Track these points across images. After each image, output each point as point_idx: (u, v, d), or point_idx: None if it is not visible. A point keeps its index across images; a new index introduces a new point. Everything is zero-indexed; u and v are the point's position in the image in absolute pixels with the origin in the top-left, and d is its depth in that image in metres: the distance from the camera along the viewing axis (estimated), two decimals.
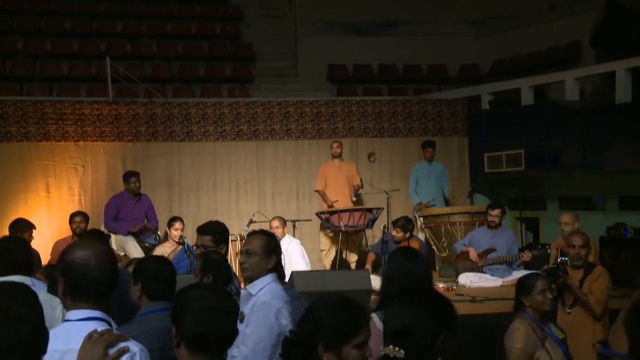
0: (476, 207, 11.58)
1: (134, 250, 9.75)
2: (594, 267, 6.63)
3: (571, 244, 6.57)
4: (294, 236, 10.28)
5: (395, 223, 9.76)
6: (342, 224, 10.51)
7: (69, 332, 2.74)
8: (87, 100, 12.25)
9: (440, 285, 8.93)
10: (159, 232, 10.34)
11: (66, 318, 2.83)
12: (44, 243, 10.27)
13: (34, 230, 9.08)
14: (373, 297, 7.02)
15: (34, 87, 14.20)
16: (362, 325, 2.85)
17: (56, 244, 9.72)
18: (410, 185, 11.85)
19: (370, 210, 10.75)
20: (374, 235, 11.61)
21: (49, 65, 14.73)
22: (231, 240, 10.80)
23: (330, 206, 11.18)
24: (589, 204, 11.86)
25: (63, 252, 2.96)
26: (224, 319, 2.67)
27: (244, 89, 14.99)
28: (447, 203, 11.95)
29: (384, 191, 11.17)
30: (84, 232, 9.49)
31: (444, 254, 10.84)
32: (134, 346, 2.75)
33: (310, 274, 8.51)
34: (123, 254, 9.81)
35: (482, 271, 9.74)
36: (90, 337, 2.65)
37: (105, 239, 7.90)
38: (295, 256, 9.42)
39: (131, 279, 3.94)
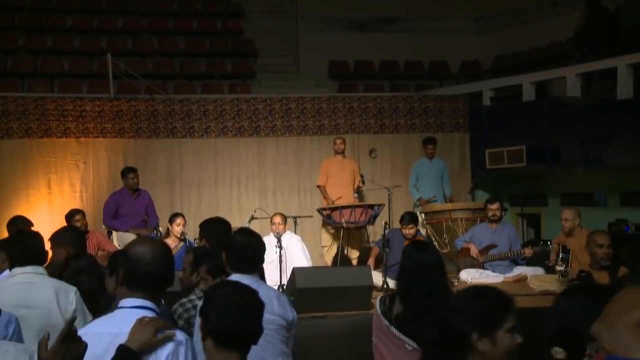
0: (477, 203, 11.56)
1: None
2: (619, 267, 6.37)
3: (598, 244, 6.25)
4: (295, 232, 10.27)
5: (402, 221, 9.69)
6: (343, 221, 10.51)
7: (121, 318, 2.97)
8: (89, 97, 12.26)
9: None
10: (160, 229, 10.33)
11: (120, 305, 3.05)
12: (45, 239, 10.23)
13: (32, 228, 9.00)
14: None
15: (35, 83, 14.19)
16: (511, 308, 2.85)
17: None
18: (411, 182, 11.85)
19: (371, 206, 10.74)
20: (375, 232, 11.60)
21: (50, 62, 14.72)
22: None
23: (332, 202, 11.18)
24: (590, 200, 11.87)
25: (126, 246, 3.24)
26: (247, 315, 2.78)
27: (245, 85, 14.98)
28: (445, 201, 11.94)
29: (385, 187, 11.16)
30: (86, 228, 9.48)
31: (445, 250, 10.82)
32: (180, 335, 2.95)
33: (312, 270, 8.51)
34: None
35: (483, 267, 9.73)
36: (141, 321, 2.86)
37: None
38: (296, 252, 9.42)
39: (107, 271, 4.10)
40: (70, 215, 9.56)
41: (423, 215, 11.33)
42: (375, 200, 11.12)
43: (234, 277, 4.19)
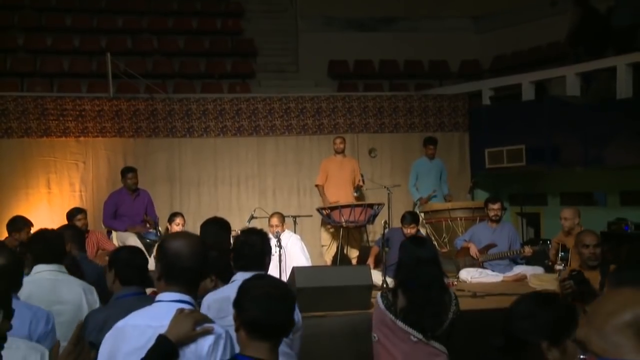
0: (477, 202, 11.56)
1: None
2: (609, 266, 5.90)
3: (584, 244, 5.95)
4: (294, 232, 10.27)
5: (403, 221, 9.67)
6: (343, 220, 10.51)
7: (161, 311, 3.03)
8: (88, 96, 12.26)
9: None
10: (159, 228, 10.32)
11: (158, 299, 3.12)
12: None
13: (31, 228, 8.97)
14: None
15: (34, 82, 14.19)
16: (577, 317, 2.81)
17: None
18: (410, 181, 11.85)
19: (371, 205, 10.74)
20: (374, 231, 11.61)
21: (49, 61, 14.72)
22: (232, 237, 10.82)
23: (331, 204, 11.18)
24: (590, 199, 11.88)
25: (163, 240, 3.30)
26: (280, 307, 2.84)
27: (245, 85, 14.98)
28: (445, 201, 11.94)
29: (385, 187, 11.15)
30: (87, 228, 9.45)
31: (444, 250, 10.83)
32: (218, 328, 3.02)
33: (311, 270, 8.50)
34: None
35: (483, 266, 9.73)
36: (180, 312, 2.94)
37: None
38: (295, 251, 9.40)
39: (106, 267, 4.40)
40: (71, 214, 9.51)
41: (422, 214, 11.33)
42: (375, 200, 11.12)
43: (238, 275, 4.26)
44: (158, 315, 3.02)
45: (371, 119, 12.80)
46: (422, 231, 10.96)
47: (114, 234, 10.34)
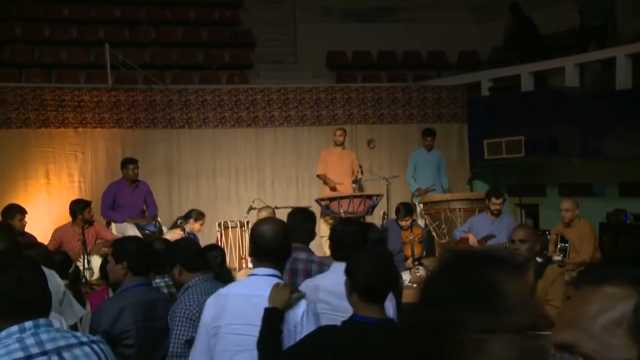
0: (476, 193, 11.57)
1: None
2: (546, 266, 5.51)
3: (511, 239, 5.40)
4: None
5: (398, 213, 9.68)
6: (341, 211, 10.50)
7: (255, 283, 3.65)
8: (86, 87, 12.25)
9: None
10: (158, 219, 10.31)
11: (253, 273, 3.74)
12: (44, 229, 10.25)
13: (26, 215, 8.97)
14: None
15: (32, 73, 14.16)
16: None
17: (55, 231, 9.63)
18: (408, 172, 11.86)
19: (369, 196, 10.74)
20: (373, 222, 11.59)
21: (47, 52, 14.69)
22: (231, 227, 10.82)
23: (333, 188, 11.19)
24: (588, 190, 11.88)
25: (254, 224, 3.98)
26: (387, 274, 3.46)
27: (243, 76, 14.96)
28: (443, 192, 11.94)
29: (384, 178, 11.16)
30: (92, 219, 9.44)
31: (443, 241, 10.84)
32: (307, 297, 3.63)
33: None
34: None
35: None
36: (277, 285, 3.53)
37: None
38: None
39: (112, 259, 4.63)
40: (82, 207, 9.39)
41: (421, 205, 11.33)
42: (374, 191, 11.12)
43: (335, 265, 4.40)
44: (256, 286, 3.61)
45: (370, 110, 12.79)
46: (421, 222, 10.98)
47: (113, 224, 10.34)
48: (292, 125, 12.52)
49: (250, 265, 9.75)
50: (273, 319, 3.46)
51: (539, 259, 9.34)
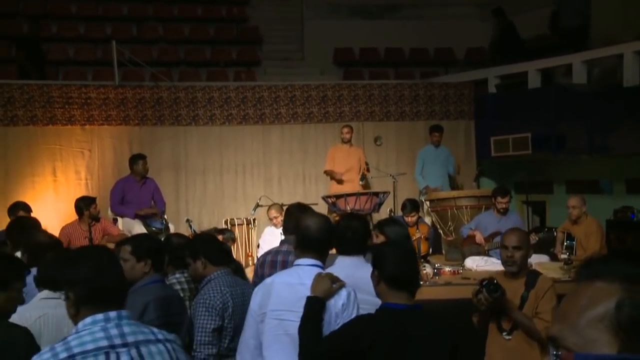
0: (482, 190, 11.55)
1: None
2: (538, 277, 4.88)
3: (503, 244, 4.86)
4: None
5: (404, 209, 9.68)
6: (348, 208, 10.50)
7: (300, 272, 3.93)
8: (94, 84, 12.26)
9: (447, 269, 8.92)
10: (165, 216, 10.33)
11: (298, 263, 4.00)
12: (51, 226, 10.20)
13: (31, 212, 9.02)
14: None
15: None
16: None
17: (63, 229, 9.65)
18: (417, 169, 11.86)
19: (376, 194, 10.73)
20: (380, 219, 11.59)
21: (55, 49, 14.71)
22: (237, 224, 10.85)
23: (340, 181, 11.20)
24: (596, 187, 11.86)
25: (298, 218, 4.35)
26: (412, 264, 3.77)
27: (250, 73, 14.97)
28: (453, 186, 11.93)
29: (391, 175, 11.16)
30: (98, 214, 9.42)
31: (450, 238, 10.83)
32: (348, 287, 3.86)
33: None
34: None
35: (488, 255, 9.72)
36: (319, 275, 3.80)
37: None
38: None
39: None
40: (88, 204, 9.38)
41: (428, 203, 11.33)
42: (381, 188, 11.13)
43: (339, 259, 4.56)
44: (300, 275, 3.90)
45: (377, 107, 12.78)
46: (427, 220, 10.97)
47: (119, 221, 10.35)
48: (299, 122, 12.51)
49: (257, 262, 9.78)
50: (315, 307, 3.71)
51: (537, 259, 9.37)
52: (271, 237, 9.34)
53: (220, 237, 9.06)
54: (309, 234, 4.00)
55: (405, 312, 3.57)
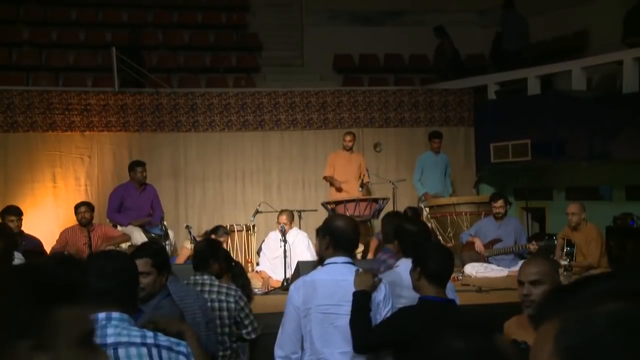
0: (482, 197, 11.56)
1: (141, 241, 9.72)
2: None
3: (519, 279, 3.70)
4: (299, 226, 10.26)
5: None
6: (348, 214, 10.50)
7: (336, 269, 4.23)
8: (93, 90, 12.27)
9: None
10: (164, 223, 10.32)
11: (331, 261, 4.26)
12: (51, 232, 10.29)
13: (22, 216, 9.19)
14: None
15: (40, 77, 14.21)
16: None
17: (62, 233, 9.72)
18: (415, 175, 11.85)
19: (376, 200, 10.74)
20: (379, 226, 11.58)
21: (55, 55, 14.73)
22: (237, 231, 10.83)
23: (339, 189, 11.19)
24: (595, 194, 11.85)
25: (328, 219, 4.69)
26: (451, 262, 4.26)
27: (250, 79, 14.97)
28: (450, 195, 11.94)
29: (390, 181, 11.16)
30: (89, 221, 9.54)
31: (449, 244, 10.82)
32: (384, 281, 4.29)
33: (316, 264, 8.50)
34: (129, 244, 9.81)
35: (488, 261, 9.73)
36: (359, 271, 4.18)
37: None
38: (301, 249, 9.39)
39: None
40: (75, 208, 9.64)
41: (427, 209, 11.33)
42: (380, 194, 11.12)
43: (401, 261, 4.94)
44: (338, 272, 4.21)
45: (376, 114, 12.78)
46: None
47: (119, 228, 10.35)
48: (299, 128, 12.51)
49: (257, 268, 9.77)
50: (363, 300, 4.08)
51: None
52: (274, 243, 9.34)
53: (213, 237, 9.17)
54: (343, 234, 4.29)
55: (445, 305, 4.05)
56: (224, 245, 9.41)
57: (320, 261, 4.78)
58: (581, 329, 1.07)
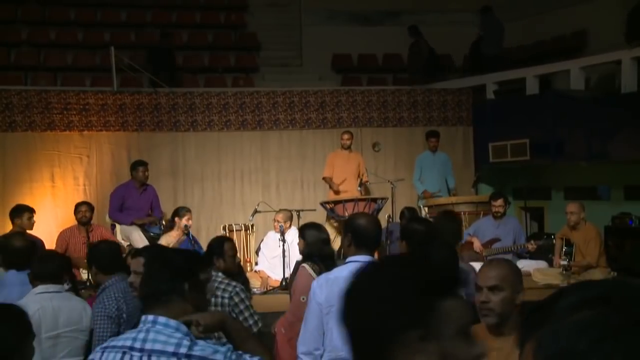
0: (481, 196, 11.56)
1: (139, 241, 9.74)
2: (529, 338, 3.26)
3: (476, 284, 3.37)
4: (298, 226, 10.24)
5: (402, 218, 9.69)
6: (346, 214, 10.48)
7: (359, 267, 3.89)
8: (92, 90, 12.26)
9: None
10: (163, 222, 10.31)
11: (354, 259, 4.19)
12: (49, 232, 10.28)
13: (34, 214, 9.20)
14: None
15: (38, 76, 14.20)
16: None
17: (61, 233, 9.72)
18: (415, 175, 11.85)
19: (374, 200, 10.73)
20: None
21: (53, 55, 14.73)
22: (235, 230, 10.83)
23: (336, 192, 11.19)
24: (594, 193, 11.86)
25: (350, 218, 4.58)
26: (454, 264, 4.43)
27: (249, 79, 14.97)
28: (449, 193, 11.93)
29: (389, 181, 11.15)
30: (89, 221, 9.55)
31: None
32: None
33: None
34: (128, 243, 9.81)
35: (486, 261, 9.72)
36: None
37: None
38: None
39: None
40: (76, 207, 9.67)
41: (426, 208, 11.32)
42: (379, 194, 11.12)
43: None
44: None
45: (375, 113, 12.78)
46: None
47: (117, 227, 10.34)
48: (298, 128, 12.52)
49: (255, 268, 9.77)
50: None
51: (536, 265, 9.34)
52: (273, 242, 9.34)
53: (177, 219, 9.36)
54: (365, 232, 4.28)
55: None
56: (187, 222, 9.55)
57: (306, 258, 5.19)
58: (554, 342, 1.10)
